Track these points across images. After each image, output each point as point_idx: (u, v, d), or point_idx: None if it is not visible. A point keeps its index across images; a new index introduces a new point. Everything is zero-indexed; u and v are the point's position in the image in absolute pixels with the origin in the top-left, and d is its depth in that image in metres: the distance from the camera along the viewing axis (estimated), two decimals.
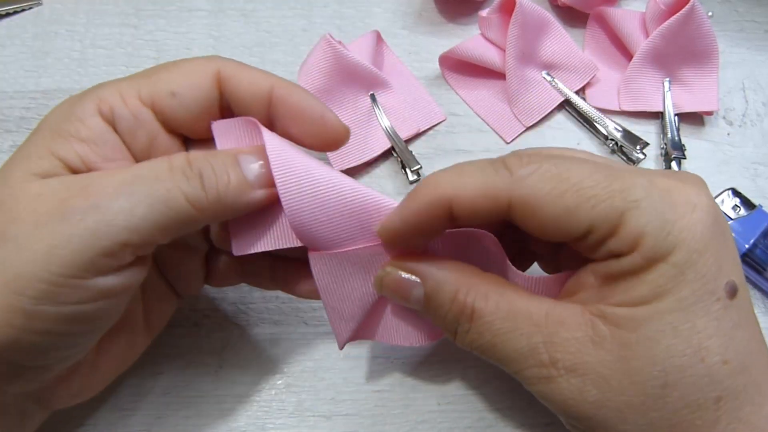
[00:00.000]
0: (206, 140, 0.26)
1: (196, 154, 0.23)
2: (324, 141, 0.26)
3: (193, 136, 0.26)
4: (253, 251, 0.25)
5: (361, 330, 0.28)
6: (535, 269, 0.30)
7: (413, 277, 0.24)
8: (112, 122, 0.24)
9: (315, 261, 0.26)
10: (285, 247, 0.25)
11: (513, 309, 0.23)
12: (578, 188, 0.21)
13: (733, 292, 0.21)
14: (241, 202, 0.24)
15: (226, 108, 0.26)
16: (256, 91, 0.25)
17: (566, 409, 0.22)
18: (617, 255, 0.21)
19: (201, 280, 0.29)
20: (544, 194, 0.21)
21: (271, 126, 0.26)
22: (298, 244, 0.25)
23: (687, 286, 0.21)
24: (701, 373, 0.20)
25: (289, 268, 0.29)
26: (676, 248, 0.20)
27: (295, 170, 0.24)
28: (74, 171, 0.23)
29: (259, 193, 0.24)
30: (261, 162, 0.24)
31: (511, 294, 0.23)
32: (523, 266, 0.29)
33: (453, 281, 0.24)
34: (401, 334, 0.28)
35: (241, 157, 0.24)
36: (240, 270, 0.30)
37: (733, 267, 0.22)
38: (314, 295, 0.28)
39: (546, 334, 0.22)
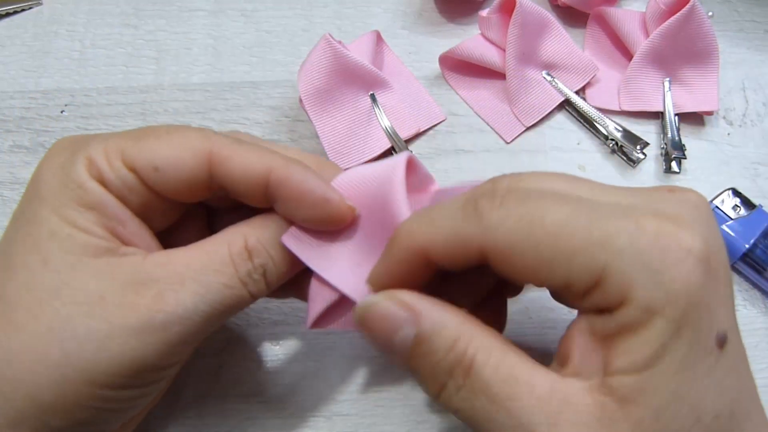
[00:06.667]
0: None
1: (254, 241, 0.24)
2: (329, 222, 0.25)
3: (183, 201, 0.25)
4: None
5: (336, 311, 0.27)
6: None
7: (406, 313, 0.21)
8: (103, 185, 0.23)
9: None
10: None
11: (515, 374, 0.20)
12: (554, 239, 0.19)
13: (722, 342, 0.20)
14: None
15: (217, 186, 0.25)
16: (251, 177, 0.24)
17: None
18: (603, 310, 0.20)
19: None
20: (516, 244, 0.20)
21: (269, 205, 0.25)
22: None
23: (684, 345, 0.19)
24: None
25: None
26: (671, 302, 0.19)
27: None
28: (98, 236, 0.23)
29: (300, 266, 0.25)
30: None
31: (513, 357, 0.21)
32: (514, 292, 0.28)
33: (454, 326, 0.21)
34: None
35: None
36: None
37: (726, 313, 0.20)
38: None
39: (549, 414, 0.20)
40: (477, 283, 0.26)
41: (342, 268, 0.25)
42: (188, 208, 0.27)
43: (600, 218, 0.19)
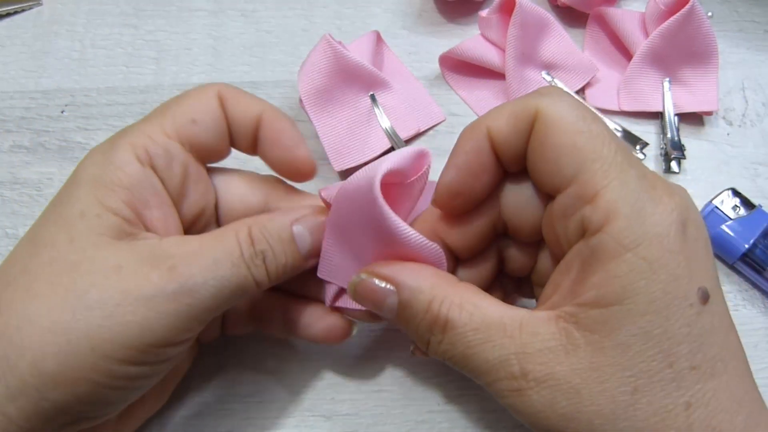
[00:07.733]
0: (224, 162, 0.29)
1: (257, 231, 0.25)
2: (291, 171, 0.28)
3: (215, 160, 0.29)
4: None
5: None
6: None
7: (388, 286, 0.24)
8: (149, 163, 0.25)
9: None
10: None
11: (486, 320, 0.23)
12: (591, 138, 0.22)
13: (705, 297, 0.21)
14: (294, 273, 0.27)
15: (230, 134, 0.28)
16: (248, 114, 0.27)
17: (537, 422, 0.22)
18: (586, 230, 0.22)
19: (218, 329, 0.31)
20: (564, 121, 0.22)
21: (255, 148, 0.28)
22: None
23: (659, 286, 0.20)
24: (668, 378, 0.20)
25: (302, 310, 0.30)
26: (648, 242, 0.20)
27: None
28: (125, 219, 0.24)
29: (311, 263, 0.27)
30: (313, 233, 0.26)
31: (485, 305, 0.23)
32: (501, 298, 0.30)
33: (428, 290, 0.24)
34: None
35: (296, 231, 0.26)
36: (252, 317, 0.31)
37: (706, 273, 0.22)
38: (330, 337, 0.29)
39: (519, 344, 0.22)
40: (484, 267, 0.28)
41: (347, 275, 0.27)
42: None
43: (623, 154, 0.22)
